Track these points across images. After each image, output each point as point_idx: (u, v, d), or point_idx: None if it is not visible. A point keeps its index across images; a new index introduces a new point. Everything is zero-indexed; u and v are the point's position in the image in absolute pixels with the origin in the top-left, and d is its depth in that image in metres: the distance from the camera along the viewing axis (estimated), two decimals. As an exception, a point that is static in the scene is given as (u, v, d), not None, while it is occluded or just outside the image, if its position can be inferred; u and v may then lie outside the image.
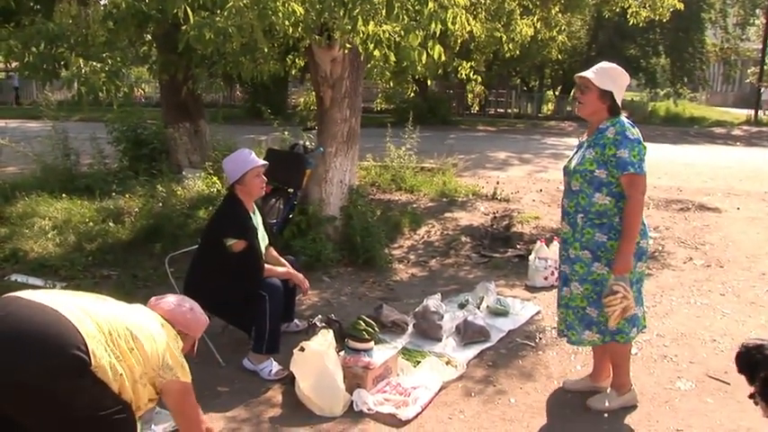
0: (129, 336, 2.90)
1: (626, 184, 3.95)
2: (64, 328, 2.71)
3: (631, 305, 3.96)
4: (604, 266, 4.05)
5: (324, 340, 4.28)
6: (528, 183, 12.51)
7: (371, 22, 5.14)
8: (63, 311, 2.76)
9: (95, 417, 2.76)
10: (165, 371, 2.98)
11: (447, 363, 4.91)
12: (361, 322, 4.67)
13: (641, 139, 4.00)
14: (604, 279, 4.04)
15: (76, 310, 2.83)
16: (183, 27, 5.05)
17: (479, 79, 10.15)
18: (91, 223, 7.98)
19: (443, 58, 5.80)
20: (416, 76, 11.39)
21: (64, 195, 9.07)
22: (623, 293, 3.91)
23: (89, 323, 2.79)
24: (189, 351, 3.40)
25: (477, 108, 15.31)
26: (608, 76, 4.06)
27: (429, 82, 13.49)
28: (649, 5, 10.48)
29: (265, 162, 4.91)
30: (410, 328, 5.50)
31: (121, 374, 2.81)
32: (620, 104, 4.08)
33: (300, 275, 5.15)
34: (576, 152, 4.24)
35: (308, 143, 8.49)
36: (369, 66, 7.52)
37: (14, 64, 5.87)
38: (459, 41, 8.98)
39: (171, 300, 3.38)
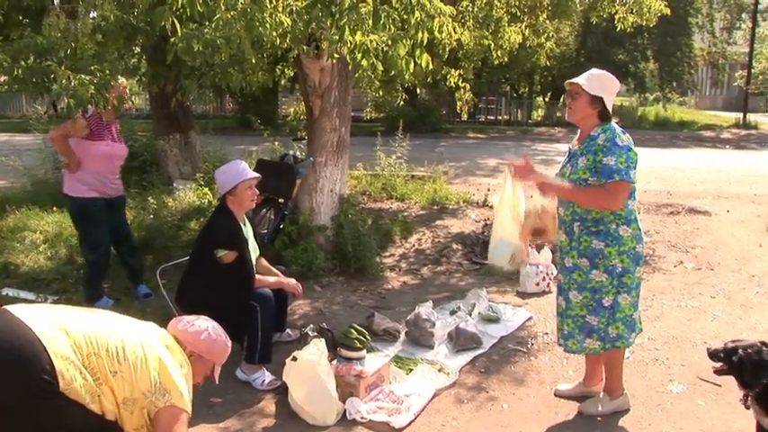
0: (114, 358, 2.81)
1: (611, 189, 3.97)
2: (31, 348, 2.66)
3: (548, 228, 4.07)
4: (603, 273, 4.09)
5: (316, 349, 4.29)
6: (519, 189, 12.51)
7: (358, 32, 5.15)
8: (37, 330, 2.71)
9: None
10: (158, 396, 2.85)
11: (439, 370, 4.92)
12: (353, 331, 4.67)
13: (631, 146, 4.01)
14: (603, 287, 4.09)
15: (54, 329, 2.76)
16: (172, 39, 5.06)
17: (468, 87, 10.18)
18: (82, 236, 7.96)
19: (431, 66, 5.81)
20: (405, 85, 11.43)
21: (55, 209, 9.04)
22: (539, 212, 4.14)
23: (64, 343, 2.72)
24: (209, 376, 3.30)
25: (466, 115, 15.31)
26: (598, 82, 4.09)
27: (418, 90, 13.53)
28: (636, 11, 10.52)
29: (258, 175, 4.93)
30: (402, 336, 5.51)
31: (100, 396, 2.74)
32: (610, 110, 4.10)
33: (292, 281, 5.15)
34: (569, 160, 4.25)
35: (298, 153, 8.50)
36: (357, 75, 7.53)
37: (3, 78, 5.87)
38: (447, 50, 9.01)
39: (188, 320, 3.28)
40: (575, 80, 4.11)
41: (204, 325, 3.26)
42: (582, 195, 4.06)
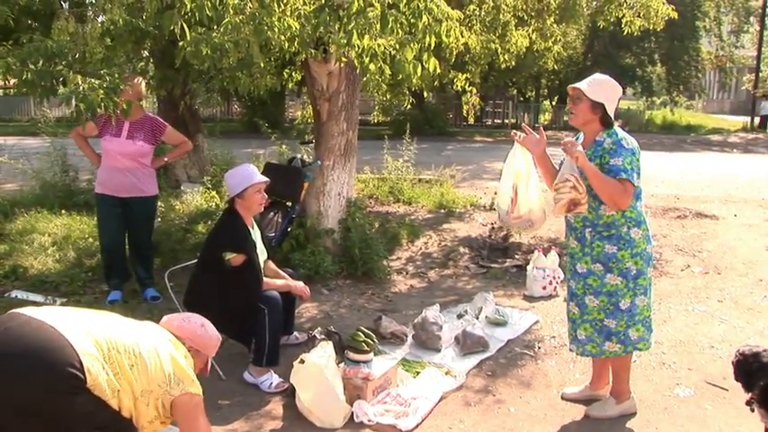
0: (131, 352, 2.89)
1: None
2: (60, 345, 2.71)
3: (581, 200, 4.03)
4: (617, 277, 4.11)
5: (323, 352, 4.30)
6: (525, 193, 12.48)
7: (366, 36, 5.16)
8: (61, 329, 2.77)
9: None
10: (172, 386, 2.97)
11: (446, 373, 4.93)
12: (361, 334, 4.69)
13: (635, 150, 4.04)
14: (619, 290, 4.12)
15: (75, 327, 2.83)
16: (180, 43, 5.09)
17: (475, 91, 10.18)
18: (90, 239, 7.99)
19: (439, 70, 5.83)
20: (413, 89, 11.45)
21: (63, 211, 9.10)
22: (573, 183, 4.01)
23: (87, 340, 2.79)
24: (202, 370, 3.38)
25: (473, 119, 15.33)
26: (600, 87, 4.10)
27: (426, 94, 13.54)
28: (644, 15, 10.51)
29: (267, 179, 4.95)
30: (409, 339, 5.51)
31: (119, 391, 2.81)
32: (612, 116, 4.11)
33: (300, 284, 5.16)
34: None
35: (305, 156, 8.52)
36: (365, 79, 7.54)
37: (12, 81, 5.90)
38: (454, 53, 9.01)
39: (182, 317, 3.39)
40: (576, 85, 4.13)
41: (199, 321, 3.39)
42: (600, 177, 3.98)
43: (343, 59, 6.25)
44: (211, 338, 3.40)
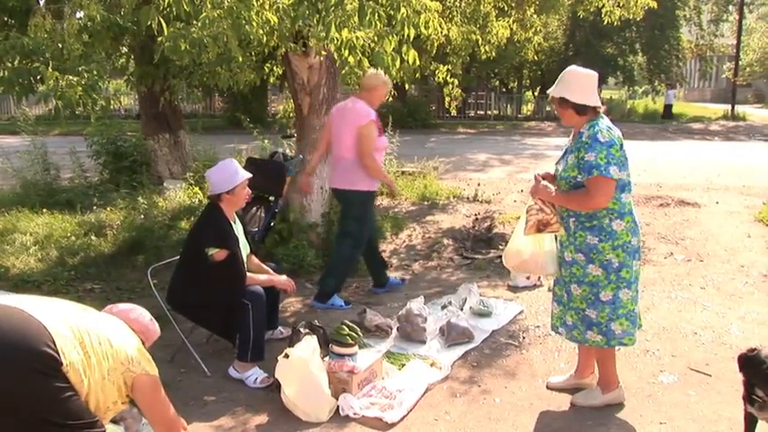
0: (97, 331, 2.97)
1: (590, 185, 3.99)
2: (35, 328, 2.75)
3: (550, 220, 4.19)
4: (598, 268, 4.09)
5: (308, 346, 4.29)
6: (509, 183, 12.58)
7: (345, 29, 5.15)
8: (33, 313, 2.81)
9: (65, 425, 2.76)
10: (134, 365, 3.04)
11: (431, 365, 4.93)
12: (345, 327, 4.67)
13: (615, 143, 3.98)
14: (599, 281, 4.11)
15: (47, 310, 2.88)
16: (159, 38, 5.06)
17: (457, 82, 10.19)
18: (73, 237, 7.96)
19: (418, 62, 5.82)
20: (394, 81, 11.45)
21: (45, 210, 9.04)
22: (540, 206, 4.19)
23: (59, 322, 2.84)
24: None
25: (455, 111, 15.34)
26: (563, 82, 4.12)
27: (407, 86, 13.53)
28: (623, 4, 10.55)
29: (250, 174, 4.94)
30: (394, 332, 5.51)
31: (88, 373, 2.86)
32: (587, 104, 4.08)
33: (283, 278, 5.16)
34: (562, 157, 4.28)
35: (287, 151, 8.51)
36: (344, 72, 7.52)
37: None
38: (435, 45, 9.01)
39: (128, 307, 3.45)
40: (550, 92, 4.18)
41: (147, 315, 3.47)
42: (567, 201, 4.13)
43: (323, 53, 6.24)
44: (155, 330, 3.48)
